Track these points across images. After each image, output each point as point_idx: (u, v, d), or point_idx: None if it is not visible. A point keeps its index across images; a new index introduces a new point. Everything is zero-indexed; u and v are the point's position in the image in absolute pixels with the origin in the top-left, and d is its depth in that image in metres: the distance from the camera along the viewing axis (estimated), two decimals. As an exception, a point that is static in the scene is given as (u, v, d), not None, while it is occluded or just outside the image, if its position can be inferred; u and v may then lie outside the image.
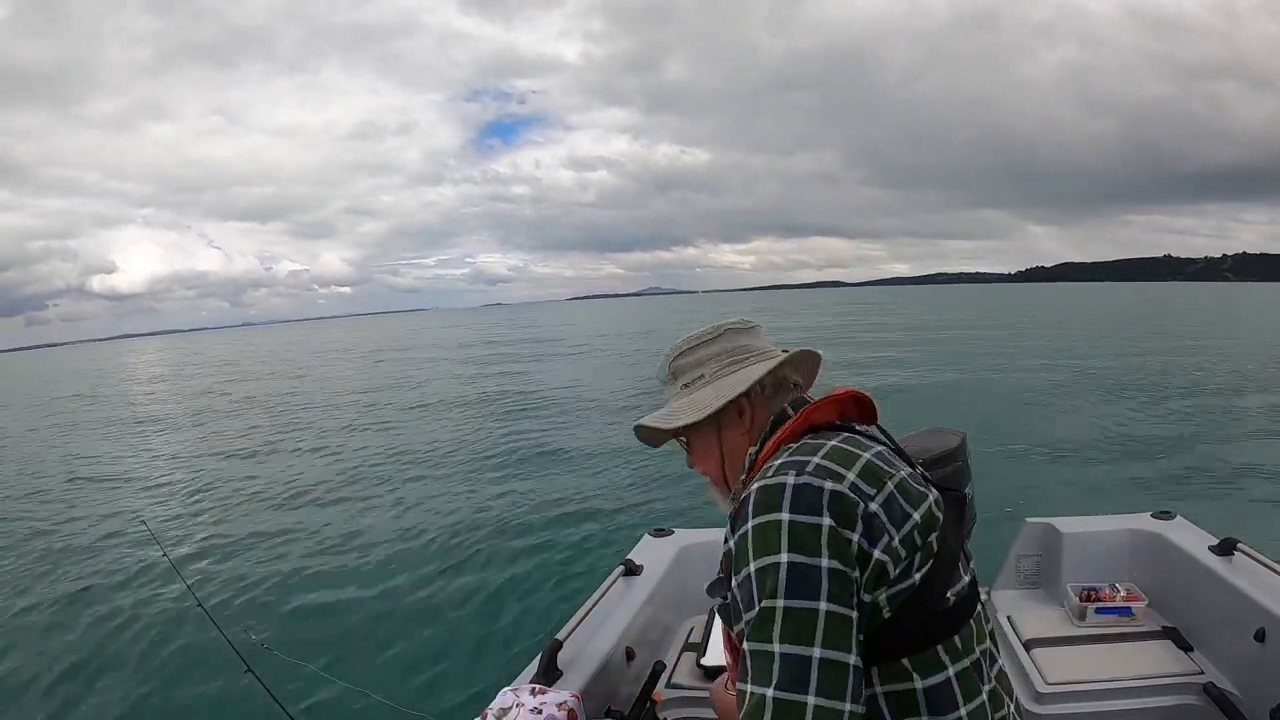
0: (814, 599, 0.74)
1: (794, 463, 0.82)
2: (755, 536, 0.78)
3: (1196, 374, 13.01)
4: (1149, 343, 18.87)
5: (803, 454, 0.84)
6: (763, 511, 0.79)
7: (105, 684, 3.99)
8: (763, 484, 0.81)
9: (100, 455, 12.38)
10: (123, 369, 44.97)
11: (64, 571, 5.96)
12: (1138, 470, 7.10)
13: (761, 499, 0.80)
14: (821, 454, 0.83)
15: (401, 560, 5.53)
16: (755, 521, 0.79)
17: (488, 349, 32.59)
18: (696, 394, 1.01)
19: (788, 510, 0.77)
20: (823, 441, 0.87)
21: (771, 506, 0.78)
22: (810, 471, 0.80)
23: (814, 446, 0.86)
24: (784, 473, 0.81)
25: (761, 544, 0.77)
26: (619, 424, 10.86)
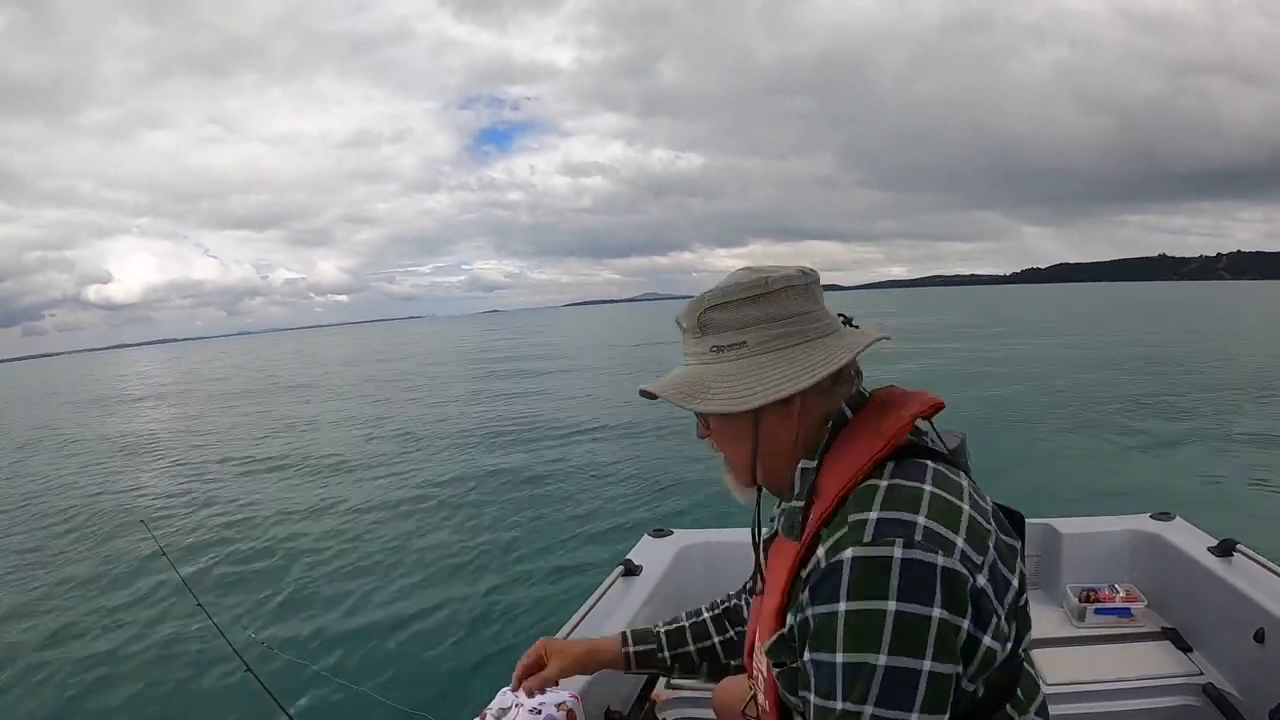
0: (908, 710, 0.64)
1: (897, 523, 0.68)
2: (850, 625, 0.66)
3: (1196, 374, 13.02)
4: (1147, 343, 18.87)
5: (902, 505, 0.70)
6: (864, 595, 0.66)
7: (105, 683, 3.99)
8: (864, 554, 0.67)
9: (100, 457, 12.38)
10: (120, 378, 45.00)
11: (63, 571, 5.96)
12: (1137, 470, 7.10)
13: (863, 577, 0.66)
14: (926, 509, 0.70)
15: (401, 560, 5.54)
16: (852, 606, 0.66)
17: (486, 355, 32.59)
18: (732, 366, 0.80)
19: (895, 597, 0.65)
20: (919, 486, 0.72)
21: (875, 590, 0.65)
22: (920, 541, 0.67)
23: (911, 494, 0.71)
24: (888, 539, 0.67)
25: (857, 637, 0.66)
26: (619, 424, 10.87)
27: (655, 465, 8.02)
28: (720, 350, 0.82)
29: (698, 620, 1.21)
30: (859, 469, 0.75)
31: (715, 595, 2.12)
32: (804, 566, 0.75)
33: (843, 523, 0.71)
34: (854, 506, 0.72)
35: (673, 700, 1.82)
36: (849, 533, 0.69)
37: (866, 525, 0.69)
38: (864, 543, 0.67)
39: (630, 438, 9.75)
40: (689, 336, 0.85)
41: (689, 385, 0.82)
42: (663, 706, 1.80)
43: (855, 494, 0.73)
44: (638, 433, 10.08)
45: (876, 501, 0.71)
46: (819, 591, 0.69)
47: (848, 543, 0.68)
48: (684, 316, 0.85)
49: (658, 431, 10.01)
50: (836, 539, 0.70)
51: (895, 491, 0.72)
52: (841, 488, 0.74)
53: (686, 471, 7.62)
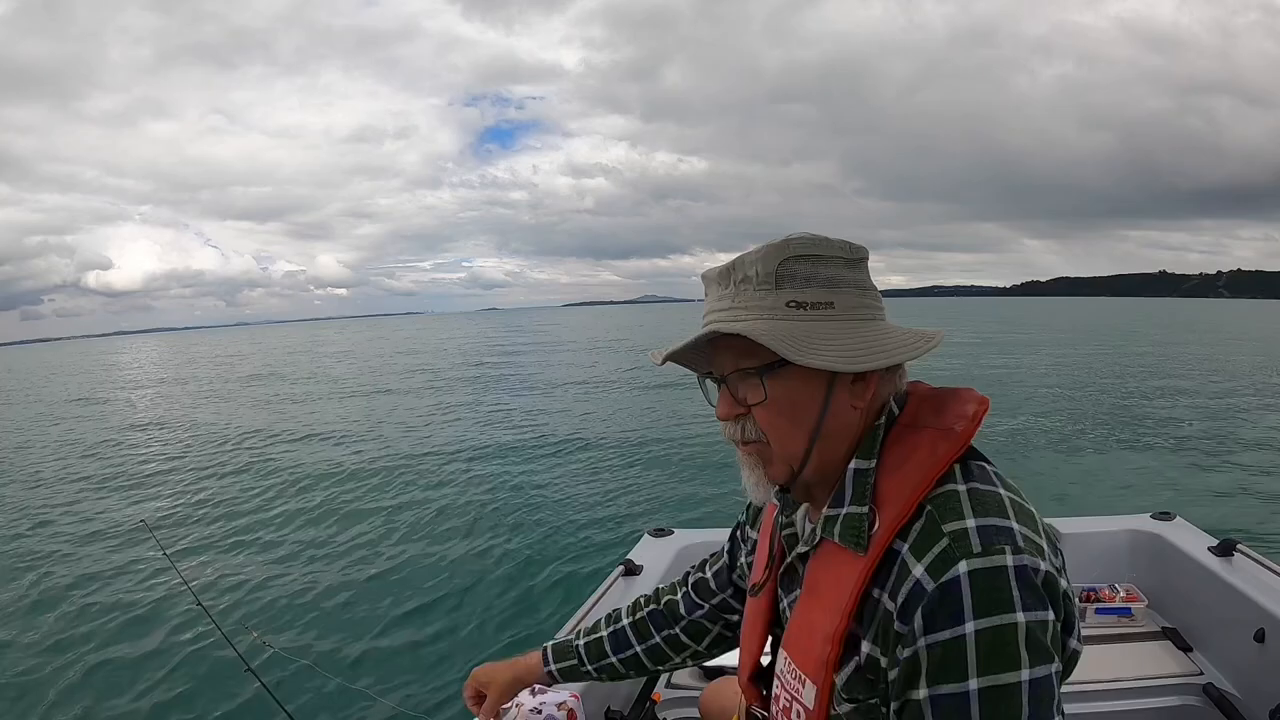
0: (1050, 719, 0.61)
1: (1000, 530, 0.63)
2: (983, 645, 0.59)
3: (1196, 376, 13.02)
4: (1148, 350, 18.88)
5: (992, 510, 0.65)
6: (991, 610, 0.60)
7: (104, 684, 3.99)
8: (981, 566, 0.61)
9: (98, 453, 12.37)
10: (119, 366, 44.97)
11: (61, 570, 5.96)
12: (1138, 471, 7.10)
13: (986, 591, 0.60)
14: (1013, 513, 0.65)
15: (401, 560, 5.53)
16: (982, 624, 0.60)
17: (486, 352, 32.58)
18: (821, 327, 0.70)
19: (1021, 608, 0.60)
20: (995, 489, 0.68)
21: (1001, 603, 0.60)
22: (1023, 546, 0.62)
23: (994, 498, 0.66)
24: (997, 547, 0.62)
25: (993, 657, 0.59)
26: (619, 424, 10.87)
27: (655, 465, 8.03)
28: (800, 307, 0.70)
29: (617, 628, 1.13)
30: (934, 471, 0.68)
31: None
32: (879, 583, 0.67)
33: (934, 533, 0.64)
34: (942, 514, 0.65)
35: (672, 700, 1.83)
36: (954, 544, 0.62)
37: (969, 534, 0.63)
38: (975, 553, 0.61)
39: (631, 438, 9.74)
40: (747, 289, 0.71)
41: (783, 334, 0.68)
42: (663, 706, 1.81)
43: (935, 500, 0.67)
44: (638, 433, 10.08)
45: (966, 508, 0.65)
46: (936, 617, 0.61)
47: (957, 555, 0.62)
48: (750, 262, 0.71)
49: (658, 431, 10.02)
50: (939, 553, 0.63)
51: (979, 496, 0.66)
52: (917, 492, 0.67)
53: (686, 471, 7.62)
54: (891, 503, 0.69)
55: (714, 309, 0.74)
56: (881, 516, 0.68)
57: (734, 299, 0.72)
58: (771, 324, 0.69)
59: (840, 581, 0.70)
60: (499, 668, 1.17)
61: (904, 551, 0.65)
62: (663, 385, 15.00)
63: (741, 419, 0.75)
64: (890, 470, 0.71)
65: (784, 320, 0.69)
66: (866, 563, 0.68)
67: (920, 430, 0.72)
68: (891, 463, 0.71)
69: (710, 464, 7.86)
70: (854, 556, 0.69)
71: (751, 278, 0.71)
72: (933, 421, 0.72)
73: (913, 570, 0.63)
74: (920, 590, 0.62)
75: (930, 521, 0.65)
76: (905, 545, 0.66)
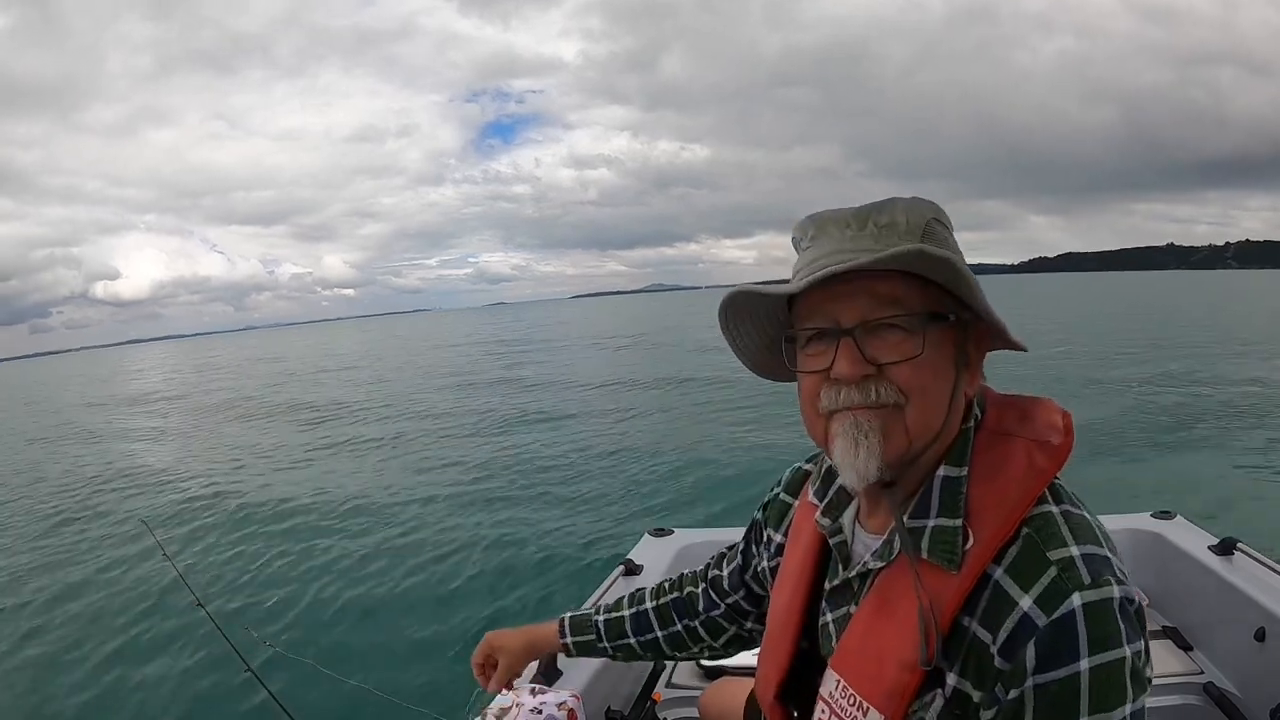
0: None
1: (1103, 560, 0.60)
2: (1096, 683, 0.56)
3: (1197, 374, 13.02)
4: (1150, 341, 18.87)
5: (1090, 537, 0.61)
6: (1104, 646, 0.57)
7: (103, 683, 3.99)
8: (1095, 599, 0.57)
9: (101, 455, 12.38)
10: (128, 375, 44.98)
11: (62, 570, 5.97)
12: (1138, 470, 7.09)
13: (1100, 625, 0.57)
14: (1101, 538, 0.62)
15: (401, 560, 5.54)
16: (1096, 661, 0.57)
17: (489, 350, 32.59)
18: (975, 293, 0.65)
19: (1127, 641, 0.58)
20: (1083, 513, 0.64)
21: (1113, 638, 0.57)
22: (1123, 577, 0.60)
23: (1086, 523, 0.63)
24: (1105, 579, 0.58)
25: (1104, 694, 0.57)
26: (620, 423, 10.87)
27: (655, 465, 8.02)
28: None
29: (640, 610, 1.09)
30: (1035, 489, 0.63)
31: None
32: (969, 610, 0.62)
33: (1038, 560, 0.60)
34: (1044, 540, 0.61)
35: (672, 700, 1.83)
36: (1063, 575, 0.58)
37: (1077, 564, 0.59)
38: (1087, 585, 0.58)
39: (631, 437, 9.74)
40: (892, 233, 0.65)
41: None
42: (663, 706, 1.81)
43: (1033, 523, 0.62)
44: (639, 432, 10.08)
45: (1066, 534, 0.61)
46: (1050, 655, 0.57)
47: (1070, 587, 0.58)
48: (898, 209, 0.66)
49: (659, 431, 10.02)
50: (1049, 584, 0.58)
51: (1074, 521, 0.62)
52: (1017, 511, 0.62)
53: (687, 471, 7.62)
54: (987, 519, 0.63)
55: (845, 249, 0.65)
56: (976, 534, 0.63)
57: (877, 241, 0.65)
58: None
59: (927, 602, 0.64)
60: (511, 634, 1.14)
61: (998, 576, 0.61)
62: (663, 385, 15.01)
63: (871, 380, 0.64)
64: (982, 481, 0.65)
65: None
66: (959, 584, 0.62)
67: (1011, 439, 0.67)
68: (982, 472, 0.66)
69: (710, 464, 7.86)
70: (944, 575, 0.63)
71: (899, 225, 0.65)
72: (1021, 430, 0.67)
73: (1019, 601, 0.59)
74: (1030, 624, 0.58)
75: (1031, 546, 0.61)
76: (999, 569, 0.61)
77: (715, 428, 9.86)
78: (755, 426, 9.54)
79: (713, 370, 15.28)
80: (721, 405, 11.66)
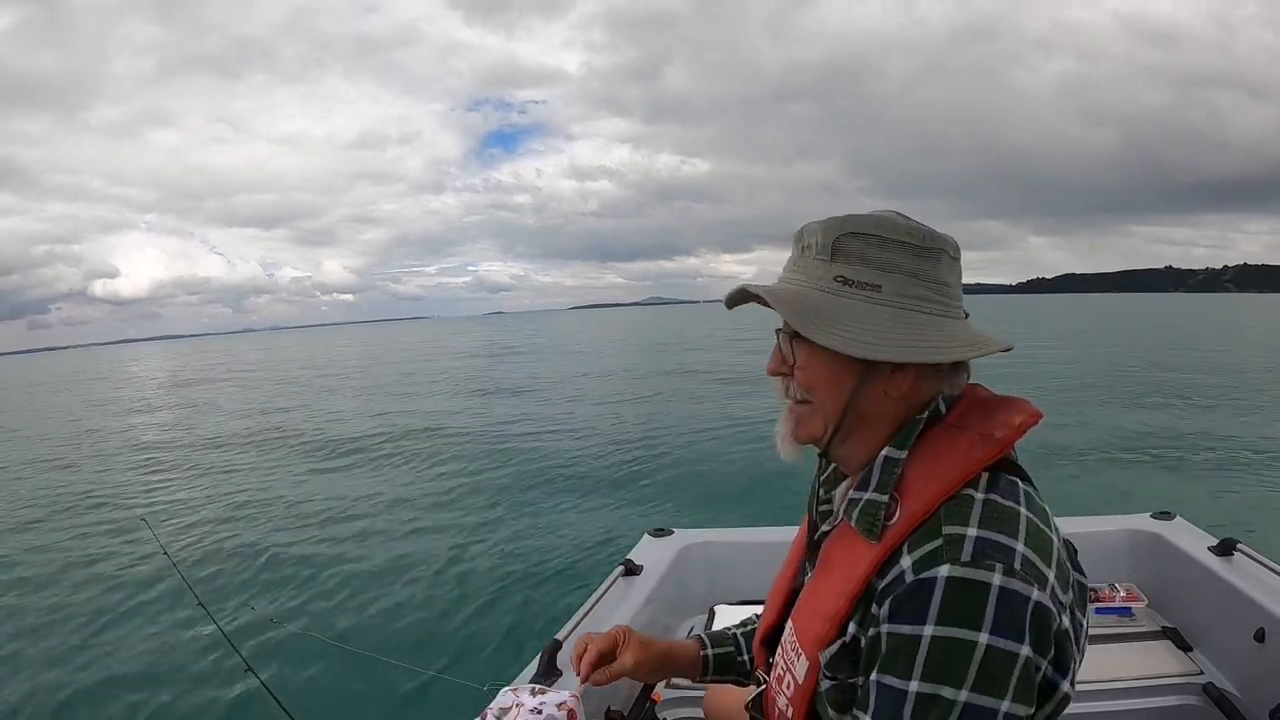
0: None
1: (998, 546, 0.62)
2: (934, 652, 0.60)
3: (1197, 375, 13.02)
4: (1150, 348, 18.89)
5: (1001, 526, 0.64)
6: (954, 621, 0.59)
7: (103, 683, 3.99)
8: (961, 575, 0.60)
9: (101, 454, 12.38)
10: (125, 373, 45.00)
11: (62, 570, 5.96)
12: (1138, 470, 7.10)
13: (957, 601, 0.60)
14: (1024, 535, 0.64)
15: (400, 561, 5.54)
16: (940, 631, 0.60)
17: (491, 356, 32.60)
18: (860, 307, 0.69)
19: (988, 630, 0.59)
20: (1015, 507, 0.66)
21: (968, 618, 0.59)
22: (1019, 570, 0.61)
23: (1010, 514, 0.65)
24: (988, 562, 0.61)
25: (939, 667, 0.59)
26: (620, 423, 10.87)
27: (655, 465, 8.03)
28: (847, 284, 0.70)
29: None
30: (961, 475, 0.67)
31: (716, 595, 2.13)
32: (880, 574, 0.67)
33: (934, 533, 0.64)
34: (948, 517, 0.65)
35: (672, 700, 1.82)
36: (945, 547, 0.62)
37: (965, 542, 0.62)
38: (962, 562, 0.61)
39: (631, 437, 9.74)
40: (808, 256, 0.73)
41: (807, 307, 0.70)
42: (663, 706, 1.80)
43: (949, 503, 0.66)
44: (639, 432, 10.08)
45: (974, 516, 0.64)
46: (901, 609, 0.62)
47: (944, 559, 0.62)
48: (813, 231, 0.73)
49: (659, 431, 10.02)
50: (928, 551, 0.63)
51: (993, 509, 0.65)
52: (939, 492, 0.67)
53: (686, 471, 7.62)
54: (914, 497, 0.68)
55: (785, 267, 0.76)
56: (902, 509, 0.68)
57: (795, 263, 0.75)
58: (808, 292, 0.71)
59: (850, 565, 0.71)
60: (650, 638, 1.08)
61: (905, 542, 0.66)
62: (662, 383, 15.00)
63: (787, 378, 0.76)
64: (920, 464, 0.70)
65: (825, 293, 0.70)
66: (877, 552, 0.68)
67: (962, 432, 0.71)
68: (923, 457, 0.70)
69: (711, 463, 7.86)
70: (867, 544, 0.69)
71: (812, 246, 0.73)
72: (977, 426, 0.71)
73: (900, 560, 0.65)
74: (900, 580, 0.64)
75: (935, 521, 0.65)
76: (908, 538, 0.66)
77: (715, 427, 9.86)
78: (755, 426, 9.54)
79: (713, 369, 15.28)
80: (722, 405, 11.67)
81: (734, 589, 2.14)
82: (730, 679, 1.08)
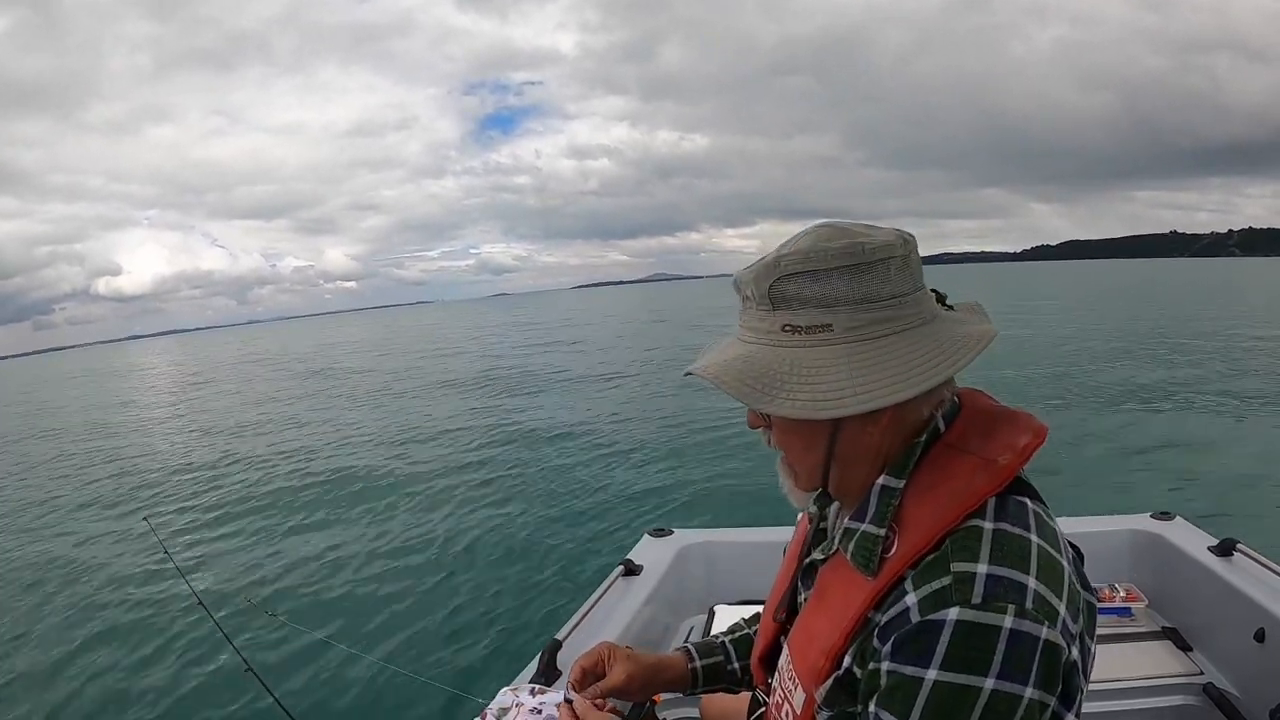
0: None
1: (1010, 585, 0.58)
2: (937, 698, 0.57)
3: (1198, 374, 13.01)
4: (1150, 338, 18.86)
5: (1012, 560, 0.60)
6: (962, 667, 0.56)
7: (103, 683, 3.99)
8: (972, 620, 0.57)
9: (102, 453, 12.38)
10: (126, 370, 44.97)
11: (62, 569, 5.97)
12: (1138, 470, 7.10)
13: (966, 646, 0.57)
14: (1035, 568, 0.60)
15: (400, 561, 5.54)
16: (945, 677, 0.57)
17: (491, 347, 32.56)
18: (813, 354, 0.63)
19: (994, 675, 0.56)
20: (1026, 535, 0.62)
21: (976, 664, 0.56)
22: (1030, 609, 0.57)
23: (1020, 546, 0.61)
24: (999, 605, 0.57)
25: (941, 712, 0.57)
26: (620, 422, 10.86)
27: (655, 465, 8.02)
28: (796, 332, 0.64)
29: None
30: (966, 505, 0.63)
31: (716, 595, 2.13)
32: (879, 608, 0.64)
33: (941, 569, 0.60)
34: (955, 553, 0.61)
35: (672, 700, 1.82)
36: (954, 587, 0.59)
37: (975, 581, 0.58)
38: (972, 604, 0.57)
39: (631, 437, 9.73)
40: (751, 307, 0.67)
41: (757, 375, 0.64)
42: (662, 706, 1.80)
43: (955, 535, 0.62)
44: (638, 432, 10.07)
45: (984, 552, 0.60)
46: (905, 648, 0.59)
47: (953, 600, 0.58)
48: (746, 281, 0.67)
49: (658, 430, 10.01)
50: (935, 590, 0.59)
51: (1003, 540, 0.61)
52: (942, 524, 0.63)
53: (686, 471, 7.62)
54: (913, 530, 0.64)
55: (738, 322, 0.71)
56: (900, 542, 0.65)
57: (742, 317, 0.69)
58: (760, 351, 0.66)
59: (846, 598, 0.68)
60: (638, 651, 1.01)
61: (908, 577, 0.63)
62: (662, 384, 15.00)
63: (766, 430, 0.74)
64: (919, 493, 0.66)
65: (775, 346, 0.65)
66: (873, 589, 0.65)
67: (962, 454, 0.66)
68: (921, 485, 0.66)
69: (711, 463, 7.86)
70: (864, 578, 0.66)
71: (751, 298, 0.67)
72: (977, 447, 0.67)
73: (906, 600, 0.61)
74: (904, 617, 0.60)
75: (942, 557, 0.61)
76: (912, 574, 0.63)
77: (715, 427, 9.85)
78: (755, 426, 9.52)
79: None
80: (722, 405, 11.66)
81: (734, 589, 2.14)
82: (721, 687, 1.05)
